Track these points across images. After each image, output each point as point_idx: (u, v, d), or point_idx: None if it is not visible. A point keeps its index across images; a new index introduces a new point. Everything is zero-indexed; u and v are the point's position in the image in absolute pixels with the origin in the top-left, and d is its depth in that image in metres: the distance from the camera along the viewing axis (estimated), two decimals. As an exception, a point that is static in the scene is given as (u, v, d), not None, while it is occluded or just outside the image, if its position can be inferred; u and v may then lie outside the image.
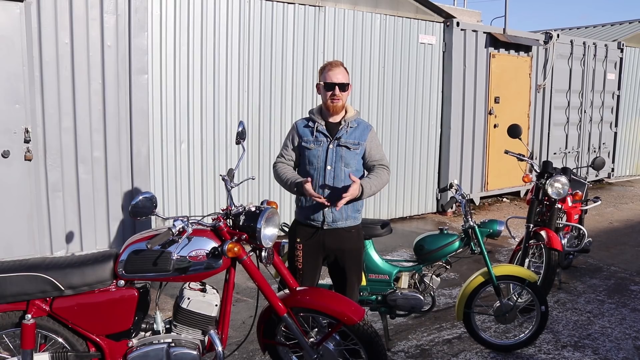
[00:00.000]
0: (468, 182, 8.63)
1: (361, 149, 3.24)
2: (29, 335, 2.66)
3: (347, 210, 3.23)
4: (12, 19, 4.74)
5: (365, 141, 3.25)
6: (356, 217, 3.30)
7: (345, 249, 3.27)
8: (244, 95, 6.35)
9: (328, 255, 3.30)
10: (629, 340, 4.16)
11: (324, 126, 3.25)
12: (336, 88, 3.16)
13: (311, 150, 3.24)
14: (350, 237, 3.28)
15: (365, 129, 3.28)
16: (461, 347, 4.02)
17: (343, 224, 3.24)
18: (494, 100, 8.75)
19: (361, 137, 3.24)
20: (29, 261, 2.77)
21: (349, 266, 3.30)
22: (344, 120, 3.26)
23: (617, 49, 11.00)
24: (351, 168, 3.21)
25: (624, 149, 11.76)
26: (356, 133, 3.25)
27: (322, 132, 3.24)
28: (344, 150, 3.20)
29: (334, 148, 3.21)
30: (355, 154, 3.23)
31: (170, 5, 5.75)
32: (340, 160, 3.20)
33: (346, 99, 3.25)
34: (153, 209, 2.58)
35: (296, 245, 3.29)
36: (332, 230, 3.24)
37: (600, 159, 5.71)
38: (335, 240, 3.25)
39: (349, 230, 3.27)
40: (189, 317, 2.82)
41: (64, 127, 5.06)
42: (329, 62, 3.26)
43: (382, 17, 7.38)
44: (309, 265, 3.28)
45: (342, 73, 3.19)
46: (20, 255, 4.81)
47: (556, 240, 4.56)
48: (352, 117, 3.28)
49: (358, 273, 3.38)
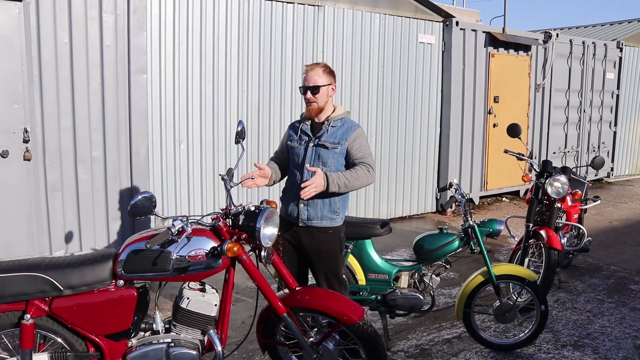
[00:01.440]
0: (467, 181, 8.62)
1: (341, 148, 3.23)
2: (28, 336, 2.66)
3: (323, 210, 3.24)
4: (10, 18, 4.73)
5: (346, 141, 3.23)
6: (333, 218, 3.28)
7: (321, 250, 3.28)
8: (243, 95, 6.35)
9: (304, 252, 3.32)
10: (629, 340, 4.16)
11: (309, 126, 3.33)
12: (307, 92, 3.21)
13: (294, 149, 3.34)
14: (326, 238, 3.27)
15: (349, 128, 3.26)
16: (461, 346, 4.02)
17: (318, 223, 3.25)
18: (494, 100, 8.75)
19: (343, 137, 3.24)
20: (28, 261, 2.77)
21: (324, 268, 3.30)
22: (327, 119, 3.29)
23: (616, 48, 11.01)
24: (329, 167, 3.22)
25: (624, 148, 11.76)
26: (338, 132, 3.25)
27: (305, 131, 3.32)
28: (322, 150, 3.23)
29: (313, 147, 3.25)
30: (334, 153, 3.22)
31: (170, 5, 5.74)
32: (318, 159, 3.24)
33: (323, 100, 3.25)
34: (152, 209, 2.58)
35: (278, 239, 3.32)
36: (307, 229, 3.27)
37: (600, 158, 5.71)
38: (310, 240, 3.28)
39: (325, 231, 3.27)
40: (188, 317, 2.82)
41: (63, 127, 5.05)
42: (306, 65, 3.31)
43: (381, 16, 7.37)
44: (288, 261, 3.33)
45: (318, 75, 3.20)
46: (19, 255, 4.80)
47: (556, 239, 4.56)
48: (337, 117, 3.29)
49: (337, 275, 3.35)
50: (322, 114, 3.29)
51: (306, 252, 3.31)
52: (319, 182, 3.02)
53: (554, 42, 9.57)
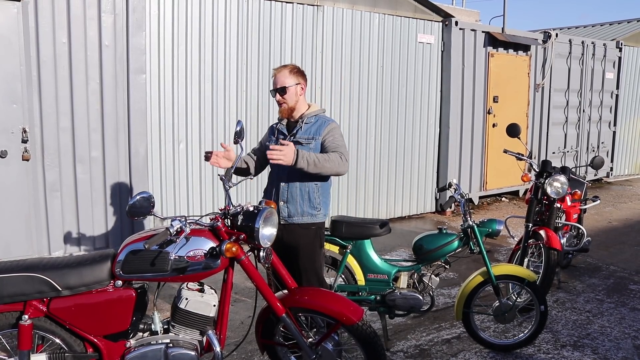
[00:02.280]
0: (467, 181, 8.62)
1: (315, 143, 3.29)
2: (26, 336, 2.65)
3: (302, 206, 3.30)
4: (9, 18, 4.72)
5: (320, 135, 3.30)
6: (314, 214, 3.33)
7: (300, 246, 3.31)
8: (242, 95, 6.34)
9: (282, 249, 3.32)
10: (628, 340, 4.15)
11: (285, 125, 3.43)
12: (276, 94, 3.33)
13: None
14: (305, 234, 3.31)
15: (322, 124, 3.33)
16: (460, 347, 4.02)
17: (299, 220, 3.30)
18: (493, 100, 8.75)
19: (316, 132, 3.31)
20: (26, 261, 2.76)
21: (303, 264, 3.32)
22: (301, 117, 3.37)
23: (615, 48, 11.01)
24: None
25: (623, 148, 11.76)
26: (312, 129, 3.32)
27: (281, 131, 3.42)
28: (297, 146, 3.24)
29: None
30: (309, 148, 3.27)
31: (169, 4, 5.73)
32: None
33: (293, 100, 3.33)
34: (151, 209, 2.57)
35: None
36: (288, 226, 3.32)
37: (599, 158, 5.70)
38: (290, 236, 3.32)
39: (307, 227, 3.31)
40: (187, 318, 2.81)
41: (61, 127, 5.04)
42: (274, 69, 3.41)
43: (380, 16, 7.37)
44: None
45: (284, 76, 3.30)
46: (18, 255, 4.80)
47: (555, 239, 4.55)
48: (311, 114, 3.37)
49: (315, 272, 3.35)
50: (296, 112, 3.37)
51: (286, 249, 3.34)
52: (287, 151, 3.01)
53: (554, 41, 9.57)
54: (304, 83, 3.39)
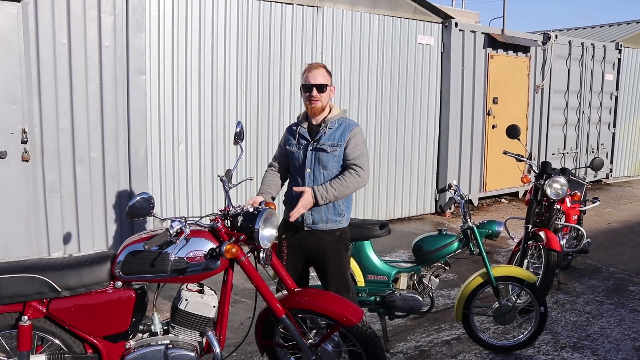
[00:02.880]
0: (467, 182, 8.62)
1: (340, 150, 3.21)
2: (25, 337, 2.65)
3: (327, 213, 3.23)
4: (9, 19, 4.72)
5: (343, 142, 3.21)
6: (338, 220, 3.27)
7: (327, 252, 3.26)
8: (242, 96, 6.34)
9: (311, 257, 3.31)
10: (628, 341, 4.15)
11: (306, 129, 3.29)
12: (313, 89, 3.17)
13: (293, 154, 3.31)
14: (331, 240, 3.26)
15: (346, 129, 3.23)
16: (460, 348, 4.01)
17: (323, 227, 3.24)
18: (493, 101, 8.75)
19: (340, 138, 3.21)
20: (26, 262, 2.76)
21: (330, 270, 3.28)
22: (324, 121, 3.25)
23: (615, 50, 11.02)
24: (330, 170, 3.21)
25: (623, 149, 11.77)
26: (336, 134, 3.22)
27: (302, 135, 3.28)
28: (322, 153, 3.20)
29: (312, 150, 3.23)
30: (334, 156, 3.20)
31: (168, 5, 5.73)
32: (318, 162, 3.22)
33: (326, 100, 3.24)
34: (150, 210, 2.57)
35: (282, 242, 3.33)
36: (313, 232, 3.25)
37: (599, 159, 5.70)
38: (315, 243, 3.26)
39: (331, 233, 3.26)
40: (186, 319, 2.81)
41: (61, 128, 5.04)
42: (308, 65, 3.28)
43: (380, 17, 7.37)
44: (292, 264, 3.31)
45: (322, 74, 3.20)
46: (17, 256, 4.79)
47: (555, 241, 4.55)
48: (334, 117, 3.26)
49: (342, 277, 3.32)
50: (320, 116, 3.27)
51: (311, 255, 3.30)
52: (306, 203, 3.07)
53: (553, 43, 9.57)
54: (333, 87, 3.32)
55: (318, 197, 3.08)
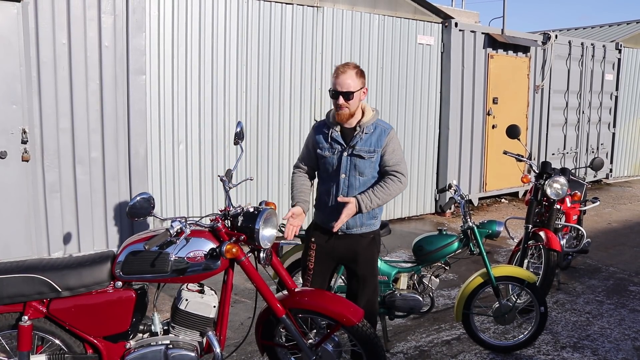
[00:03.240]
0: (467, 182, 8.62)
1: (377, 156, 3.10)
2: (25, 337, 2.65)
3: (362, 218, 3.14)
4: (9, 19, 4.72)
5: (381, 147, 3.09)
6: (372, 223, 3.22)
7: (358, 254, 3.20)
8: (242, 96, 6.34)
9: (342, 260, 3.26)
10: (628, 341, 4.15)
11: (339, 132, 3.13)
12: (340, 97, 3.01)
13: (326, 158, 3.16)
14: (364, 242, 3.20)
15: (382, 133, 3.11)
16: (460, 348, 4.01)
17: (357, 231, 3.17)
18: (493, 101, 8.75)
19: (377, 144, 3.09)
20: (26, 262, 2.76)
21: (361, 273, 3.23)
22: (359, 125, 3.10)
23: (615, 50, 11.02)
24: (366, 177, 3.12)
25: (622, 149, 11.77)
26: (372, 139, 3.09)
27: (336, 139, 3.12)
28: (358, 160, 3.08)
29: (347, 157, 3.10)
30: (371, 162, 3.10)
31: (168, 5, 5.73)
32: (355, 169, 3.10)
33: (355, 105, 3.06)
34: (151, 210, 2.57)
35: (310, 245, 3.25)
36: (345, 236, 3.18)
37: (599, 159, 5.70)
38: (348, 246, 3.19)
39: (365, 236, 3.20)
40: (187, 319, 2.81)
41: (61, 128, 5.04)
42: (337, 67, 3.07)
43: (380, 17, 7.37)
44: (319, 268, 3.23)
45: (351, 78, 2.99)
46: (17, 256, 4.79)
47: (555, 240, 4.55)
48: (369, 121, 3.11)
49: (373, 279, 3.27)
50: (353, 119, 3.10)
51: (342, 257, 3.24)
52: (350, 213, 3.00)
53: (553, 43, 9.57)
54: (366, 87, 3.12)
55: (362, 208, 3.01)
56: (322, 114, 6.95)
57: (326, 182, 3.21)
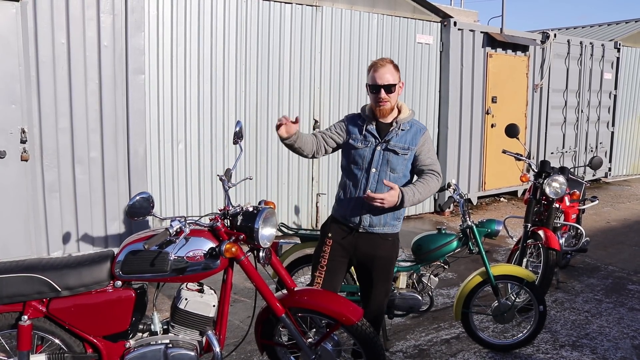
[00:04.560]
0: (466, 181, 8.63)
1: (410, 154, 3.06)
2: (25, 337, 2.65)
3: (387, 217, 3.08)
4: (8, 18, 4.72)
5: (416, 146, 3.06)
6: (395, 224, 3.14)
7: (376, 256, 3.13)
8: (241, 95, 6.34)
9: (357, 259, 3.18)
10: (627, 340, 4.16)
11: (374, 126, 3.10)
12: (381, 90, 2.98)
13: (358, 150, 3.10)
14: (384, 244, 3.13)
15: (417, 132, 3.08)
16: (459, 347, 4.02)
17: (380, 230, 3.09)
18: (491, 100, 8.76)
19: (412, 142, 3.06)
20: (26, 262, 2.76)
21: (377, 275, 3.16)
22: (396, 121, 3.08)
23: (613, 49, 11.02)
24: (397, 174, 3.07)
25: (621, 148, 11.78)
26: (407, 137, 3.07)
27: (371, 132, 3.09)
28: (392, 155, 3.04)
29: (381, 151, 3.05)
30: (404, 159, 3.06)
31: (167, 5, 5.73)
32: (387, 164, 3.05)
33: (395, 99, 3.06)
34: (150, 209, 2.57)
35: (326, 240, 3.18)
36: (366, 234, 3.10)
37: (598, 158, 5.71)
38: (367, 245, 3.12)
39: (385, 238, 3.12)
40: (186, 318, 2.81)
41: (60, 128, 5.04)
42: (374, 61, 3.05)
43: (379, 16, 7.37)
44: (333, 264, 3.16)
45: (390, 72, 2.98)
46: (16, 256, 4.79)
47: (554, 239, 4.56)
48: (406, 119, 3.09)
49: (386, 283, 3.21)
50: (390, 115, 3.09)
51: (359, 257, 3.17)
52: (390, 200, 2.84)
53: (552, 42, 9.58)
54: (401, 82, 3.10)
55: (406, 199, 2.88)
56: (321, 112, 6.95)
57: (353, 176, 3.12)
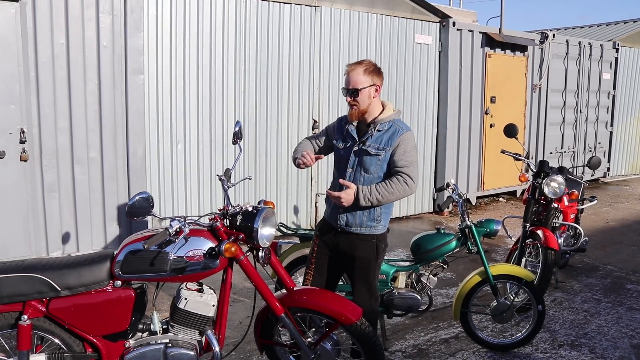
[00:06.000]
0: (464, 181, 8.63)
1: (385, 155, 3.05)
2: (25, 337, 2.65)
3: (362, 217, 3.11)
4: (7, 19, 4.72)
5: (390, 147, 3.05)
6: (373, 225, 3.13)
7: (355, 256, 3.18)
8: (240, 95, 6.35)
9: (340, 257, 3.26)
10: (625, 339, 4.17)
11: (355, 127, 3.16)
12: (348, 95, 3.07)
13: (339, 151, 3.21)
14: (364, 245, 3.15)
15: (395, 133, 3.06)
16: (458, 346, 4.03)
17: (357, 230, 3.13)
18: (490, 100, 8.77)
19: (388, 143, 3.05)
20: (25, 262, 2.76)
21: (356, 275, 3.22)
22: (373, 122, 3.11)
23: (612, 49, 11.04)
24: (372, 174, 3.08)
25: (620, 148, 11.79)
26: (384, 137, 3.07)
27: (350, 133, 3.15)
28: (365, 155, 3.07)
29: (357, 151, 3.11)
30: (378, 159, 3.06)
31: (167, 5, 5.73)
32: (361, 164, 3.10)
33: (366, 102, 3.06)
34: (150, 209, 2.58)
35: (315, 239, 3.31)
36: (346, 234, 3.16)
37: (596, 158, 5.72)
38: (347, 245, 3.18)
39: (365, 239, 3.15)
40: (186, 318, 2.81)
41: (59, 128, 5.04)
42: (347, 65, 3.11)
43: (378, 17, 7.38)
44: (321, 262, 3.28)
45: (358, 76, 3.02)
46: (16, 256, 4.79)
47: (553, 239, 4.57)
48: (384, 119, 3.10)
49: (367, 283, 3.23)
50: (368, 115, 3.11)
51: (341, 257, 3.25)
52: (347, 198, 2.96)
53: (551, 42, 9.59)
54: (380, 83, 3.09)
55: (360, 197, 2.97)
56: (320, 113, 6.96)
57: (335, 176, 3.25)
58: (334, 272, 3.34)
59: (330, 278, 3.33)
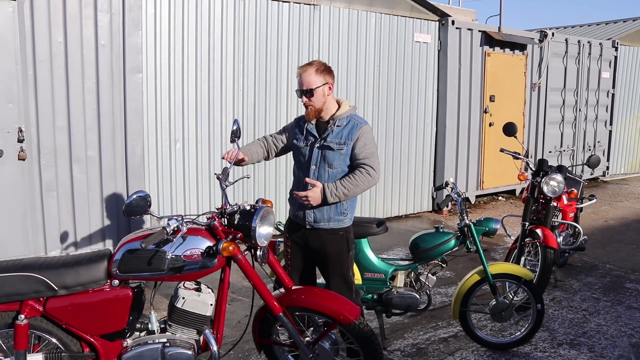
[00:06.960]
0: (463, 180, 8.63)
1: (347, 149, 3.14)
2: (22, 336, 2.64)
3: (329, 212, 3.16)
4: (5, 17, 4.71)
5: (351, 140, 3.13)
6: (341, 219, 3.20)
7: (327, 252, 3.22)
8: (238, 94, 6.34)
9: (313, 256, 3.29)
10: (624, 338, 4.17)
11: (314, 125, 3.24)
12: (303, 96, 3.14)
13: (300, 149, 3.26)
14: (333, 239, 3.21)
15: (354, 127, 3.16)
16: (457, 345, 4.02)
17: (325, 225, 3.18)
18: (489, 99, 8.76)
19: (348, 137, 3.14)
20: (23, 261, 2.76)
21: (331, 269, 3.25)
22: (332, 118, 3.19)
23: (611, 48, 11.04)
24: (335, 169, 3.15)
25: (619, 147, 11.80)
26: (344, 132, 3.15)
27: (310, 131, 3.23)
28: (328, 151, 3.14)
29: (318, 148, 3.17)
30: (340, 154, 3.14)
31: (165, 3, 5.72)
32: (324, 160, 3.16)
33: (320, 102, 3.14)
34: (147, 208, 2.57)
35: (286, 240, 3.34)
36: (315, 231, 3.21)
37: (596, 157, 5.71)
38: (317, 241, 3.22)
39: (333, 233, 3.20)
40: (184, 317, 2.81)
41: (57, 127, 5.03)
42: (299, 67, 3.20)
43: (377, 15, 7.37)
44: (294, 262, 3.32)
45: (310, 76, 3.10)
46: (14, 255, 4.78)
47: (552, 238, 4.57)
48: (342, 115, 3.19)
49: (342, 276, 3.27)
50: (325, 113, 3.19)
51: (313, 253, 3.27)
52: (314, 197, 3.03)
53: (550, 41, 9.59)
54: (332, 81, 3.18)
55: (327, 194, 3.03)
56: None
57: (298, 174, 3.30)
58: (309, 269, 3.37)
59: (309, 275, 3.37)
